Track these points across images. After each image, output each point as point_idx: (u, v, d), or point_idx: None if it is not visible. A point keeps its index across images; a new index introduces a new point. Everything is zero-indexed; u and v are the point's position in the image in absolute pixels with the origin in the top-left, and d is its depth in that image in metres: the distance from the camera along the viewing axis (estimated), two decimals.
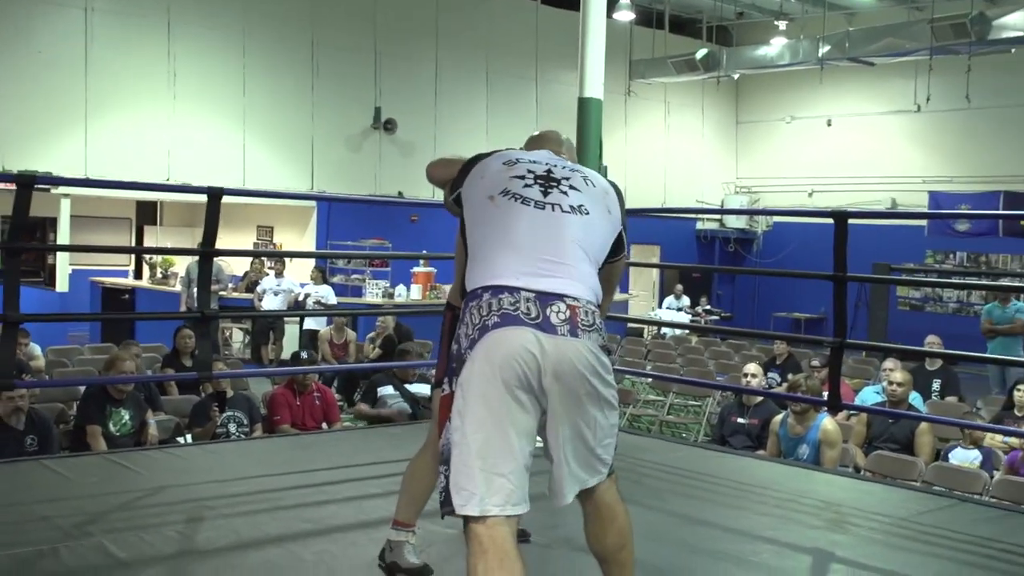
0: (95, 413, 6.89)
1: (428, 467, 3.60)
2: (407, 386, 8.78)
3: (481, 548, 2.67)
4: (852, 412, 7.97)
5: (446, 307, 3.83)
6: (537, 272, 2.80)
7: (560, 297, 2.77)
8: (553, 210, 2.94)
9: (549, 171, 3.05)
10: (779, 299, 21.51)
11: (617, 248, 3.12)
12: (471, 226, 3.02)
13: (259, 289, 14.55)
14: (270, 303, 14.25)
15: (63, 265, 15.76)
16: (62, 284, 15.53)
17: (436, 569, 3.67)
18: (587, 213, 2.98)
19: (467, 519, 2.71)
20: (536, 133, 3.66)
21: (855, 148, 21.23)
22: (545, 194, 2.97)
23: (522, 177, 3.01)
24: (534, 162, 3.09)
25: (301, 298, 14.33)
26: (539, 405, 2.76)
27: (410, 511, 3.70)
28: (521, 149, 3.42)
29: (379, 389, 8.71)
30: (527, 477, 2.76)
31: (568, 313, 2.76)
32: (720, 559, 4.02)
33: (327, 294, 14.34)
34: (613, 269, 3.20)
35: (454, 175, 3.25)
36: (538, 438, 2.83)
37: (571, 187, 3.02)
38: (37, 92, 14.47)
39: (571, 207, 2.96)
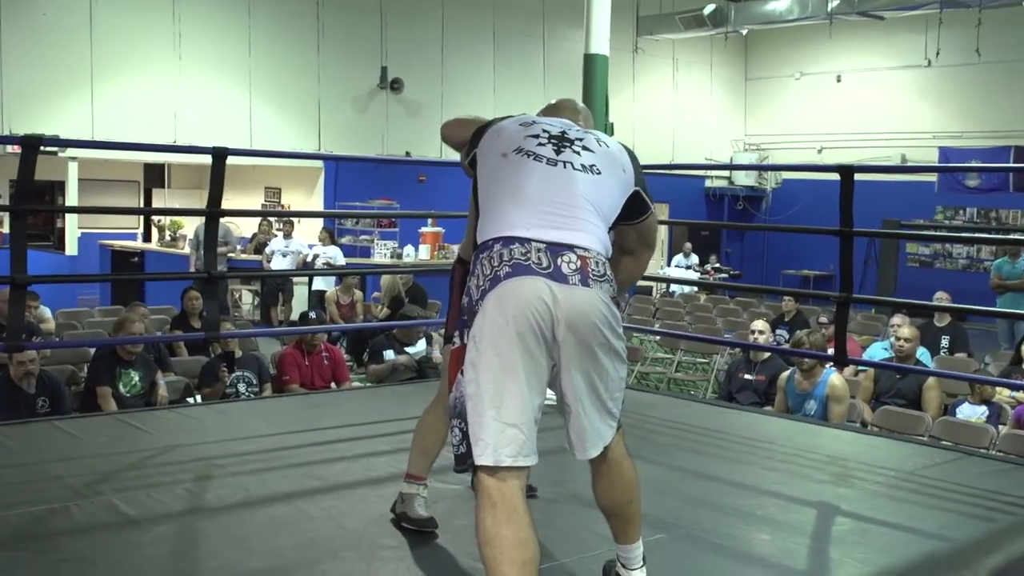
0: (105, 374, 6.94)
1: (439, 420, 3.65)
2: (407, 349, 8.82)
3: (490, 501, 2.68)
4: (860, 368, 7.98)
5: (456, 262, 3.82)
6: (548, 224, 2.81)
7: (570, 247, 2.78)
8: (564, 167, 2.94)
9: (563, 132, 3.06)
10: (788, 256, 21.48)
11: (641, 207, 3.11)
12: (483, 182, 3.03)
13: (267, 250, 14.59)
14: (278, 264, 14.29)
15: (72, 228, 15.81)
16: (71, 247, 15.58)
17: (442, 523, 3.70)
18: (598, 173, 2.98)
19: (478, 471, 2.72)
20: (553, 102, 3.62)
21: (865, 104, 21.07)
22: (558, 152, 2.97)
23: (536, 136, 3.02)
24: (550, 124, 3.10)
25: (310, 259, 14.35)
26: (550, 356, 2.76)
27: (421, 464, 3.73)
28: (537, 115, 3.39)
29: (384, 352, 8.76)
30: (536, 429, 2.76)
31: (579, 263, 2.76)
32: (726, 513, 4.05)
33: (335, 255, 14.36)
34: (644, 227, 3.20)
35: (467, 136, 3.25)
36: (549, 392, 2.84)
37: (584, 147, 3.02)
38: (43, 55, 14.44)
39: (583, 166, 2.97)
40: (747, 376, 7.97)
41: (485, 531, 2.65)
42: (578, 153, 2.99)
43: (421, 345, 8.74)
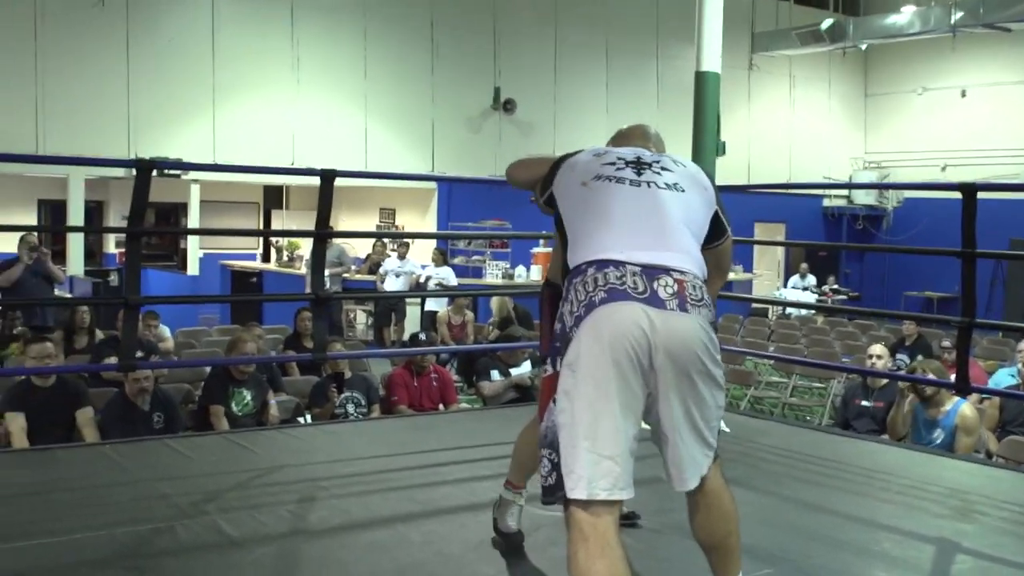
0: (218, 393, 7.05)
1: (535, 438, 3.59)
2: (512, 369, 8.73)
3: (582, 535, 2.60)
4: (984, 396, 7.65)
5: (544, 285, 3.80)
6: (640, 245, 2.73)
7: (666, 271, 2.69)
8: (649, 187, 2.90)
9: (639, 157, 3.02)
10: (910, 278, 20.86)
11: (719, 229, 3.06)
12: (568, 215, 2.96)
13: (381, 271, 14.74)
14: (392, 285, 14.41)
15: (194, 249, 16.26)
16: (193, 267, 16.03)
17: (541, 551, 3.66)
18: (682, 190, 2.94)
19: (569, 504, 2.64)
20: (624, 128, 3.60)
21: (990, 120, 20.39)
22: (639, 174, 2.93)
23: (613, 163, 2.98)
24: (623, 152, 3.07)
25: (422, 280, 14.45)
26: (646, 385, 2.66)
27: (519, 475, 3.76)
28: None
29: (490, 372, 8.70)
30: (632, 461, 2.67)
31: (676, 287, 2.67)
32: (839, 548, 3.88)
33: (447, 275, 14.43)
34: (720, 252, 3.14)
35: (539, 175, 3.22)
36: (643, 423, 2.75)
37: (663, 168, 2.98)
38: (167, 80, 14.91)
39: (667, 184, 2.93)
40: (864, 403, 7.70)
41: (577, 565, 2.58)
42: (659, 173, 2.95)
43: (526, 367, 8.66)
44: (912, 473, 5.09)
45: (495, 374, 8.65)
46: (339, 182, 5.56)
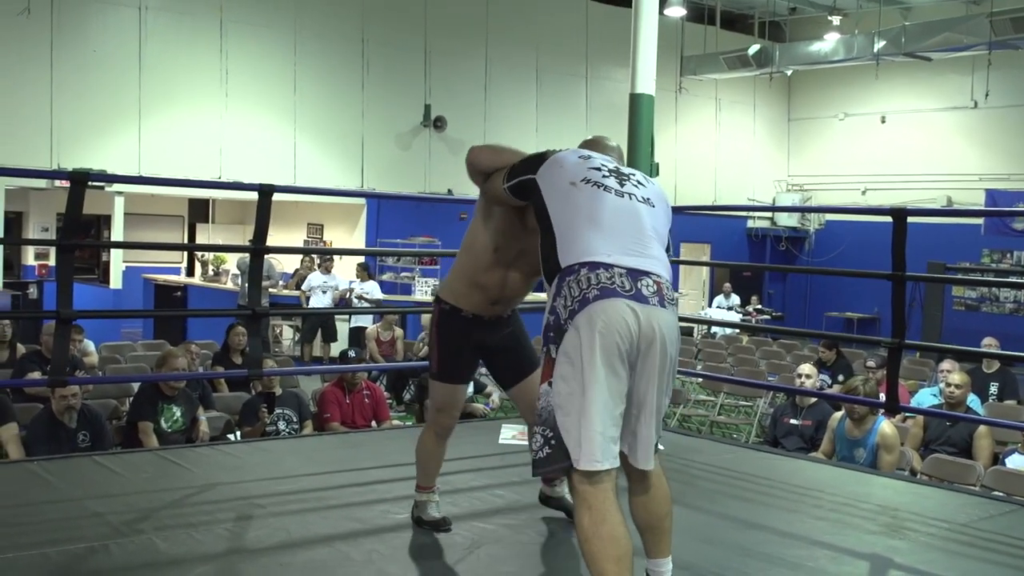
0: (147, 409, 6.94)
1: (431, 442, 4.16)
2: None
3: (586, 504, 2.95)
4: (909, 415, 7.82)
5: (435, 300, 4.08)
6: (625, 251, 3.09)
7: (647, 274, 3.07)
8: (630, 199, 3.25)
9: (617, 168, 3.38)
10: (831, 298, 21.27)
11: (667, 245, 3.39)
12: (555, 209, 3.25)
13: (305, 286, 14.63)
14: (318, 300, 14.32)
15: (117, 262, 15.97)
16: (116, 281, 15.73)
17: (486, 569, 3.64)
18: (653, 206, 3.30)
19: (572, 476, 3.00)
20: (589, 138, 3.87)
21: (910, 145, 20.91)
22: (621, 184, 3.28)
23: (599, 169, 3.31)
24: (603, 159, 3.42)
25: (348, 295, 14.39)
26: (629, 372, 3.02)
27: (427, 477, 4.20)
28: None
29: None
30: (618, 436, 3.05)
31: (655, 287, 3.06)
32: (775, 564, 3.94)
33: (371, 290, 14.39)
34: None
35: (507, 162, 3.56)
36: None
37: (638, 183, 3.34)
38: (92, 90, 14.66)
39: (643, 198, 3.29)
40: (793, 421, 7.83)
41: (584, 531, 2.94)
42: (636, 187, 3.30)
43: (468, 390, 8.53)
44: (842, 490, 5.19)
45: None
46: None
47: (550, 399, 3.03)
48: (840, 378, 10.54)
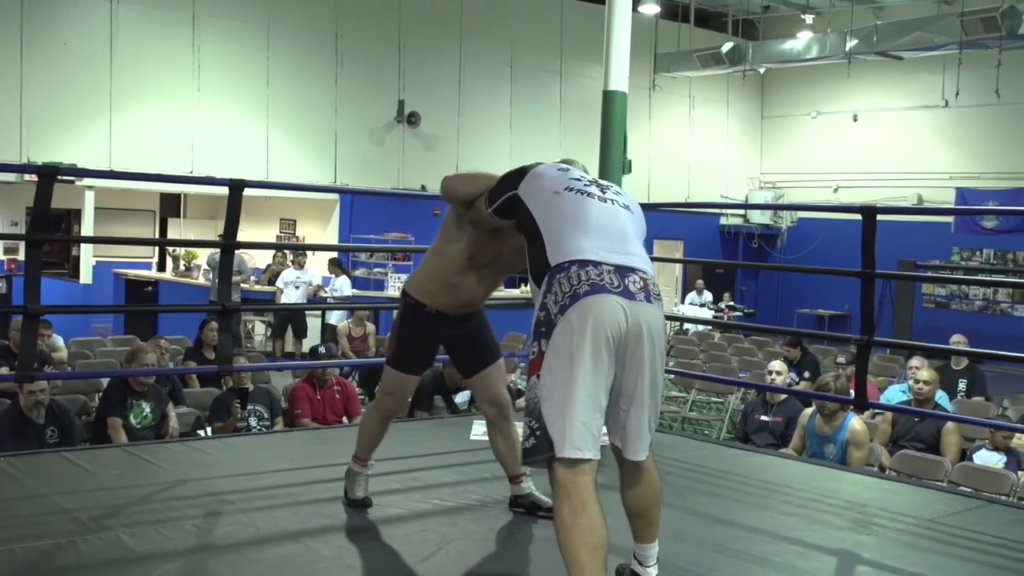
0: (116, 405, 6.89)
1: (375, 420, 4.39)
2: (456, 396, 8.28)
3: (566, 492, 3.02)
4: (878, 411, 7.88)
5: (402, 294, 4.22)
6: (611, 250, 3.21)
7: (633, 270, 3.18)
8: (613, 204, 3.41)
9: (596, 180, 3.54)
10: (803, 296, 21.40)
11: None
12: (541, 216, 3.37)
13: (279, 282, 14.56)
14: (290, 295, 14.27)
15: (87, 257, 15.85)
16: (86, 276, 15.63)
17: (453, 566, 3.66)
18: (632, 212, 3.48)
19: (554, 465, 3.05)
20: (558, 160, 3.96)
21: (881, 143, 21.07)
22: (603, 192, 3.44)
23: (579, 179, 3.47)
24: (583, 173, 3.60)
25: (320, 292, 14.35)
26: (615, 365, 3.11)
27: (365, 449, 4.39)
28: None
29: (434, 398, 8.19)
30: (602, 428, 3.16)
31: (642, 283, 3.17)
32: (744, 559, 3.96)
33: (342, 286, 14.35)
34: None
35: (484, 187, 3.74)
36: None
37: (616, 192, 3.51)
38: (62, 84, 14.55)
39: (623, 204, 3.46)
40: (764, 417, 7.86)
41: (562, 519, 3.00)
42: (615, 195, 3.47)
43: (466, 394, 8.20)
44: (812, 486, 5.22)
45: (437, 399, 8.34)
46: None
47: (537, 391, 3.11)
48: (807, 375, 10.61)
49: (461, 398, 8.25)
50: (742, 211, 22.75)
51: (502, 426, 4.33)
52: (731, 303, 20.21)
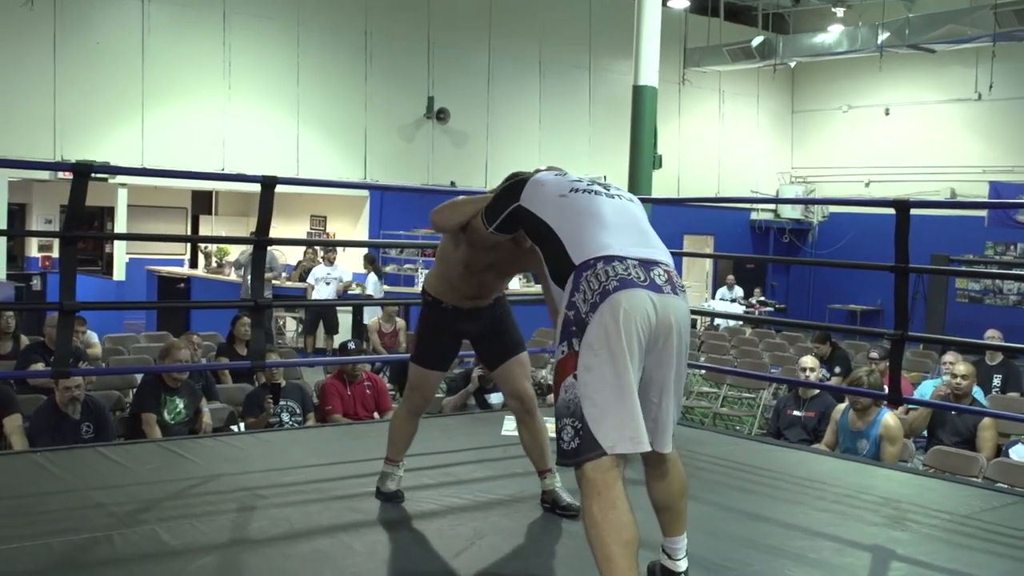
0: (150, 401, 6.95)
1: (404, 418, 4.47)
2: (489, 395, 8.23)
3: (595, 490, 2.97)
4: (912, 407, 7.81)
5: (422, 292, 4.33)
6: (632, 243, 3.21)
7: (656, 263, 3.18)
8: (620, 199, 3.42)
9: (595, 180, 3.52)
10: (834, 291, 21.26)
11: None
12: (554, 221, 3.34)
13: (310, 279, 14.63)
14: (321, 291, 14.33)
15: (120, 254, 15.99)
16: (119, 272, 15.75)
17: (485, 559, 3.69)
18: (638, 206, 3.49)
19: (583, 464, 3.00)
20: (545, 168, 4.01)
21: (913, 137, 20.88)
22: (608, 190, 3.44)
23: (580, 180, 3.48)
24: (580, 176, 3.57)
25: (353, 287, 14.42)
26: (644, 359, 3.09)
27: (396, 450, 4.47)
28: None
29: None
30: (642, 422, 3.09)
31: (666, 276, 3.16)
32: (779, 555, 3.94)
33: (369, 284, 14.40)
34: None
35: (477, 209, 3.73)
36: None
37: (618, 190, 3.51)
38: (95, 82, 14.66)
39: (629, 199, 3.48)
40: (796, 412, 7.82)
41: (592, 516, 2.96)
42: (619, 191, 3.49)
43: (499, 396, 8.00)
44: (845, 482, 5.19)
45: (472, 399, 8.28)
46: None
47: (576, 390, 3.04)
48: (837, 370, 10.53)
49: (496, 398, 8.23)
50: (773, 206, 22.63)
51: (526, 420, 4.33)
52: (762, 298, 20.12)
